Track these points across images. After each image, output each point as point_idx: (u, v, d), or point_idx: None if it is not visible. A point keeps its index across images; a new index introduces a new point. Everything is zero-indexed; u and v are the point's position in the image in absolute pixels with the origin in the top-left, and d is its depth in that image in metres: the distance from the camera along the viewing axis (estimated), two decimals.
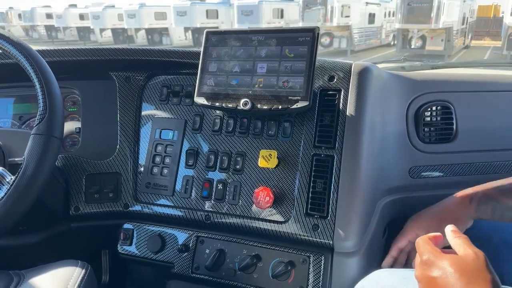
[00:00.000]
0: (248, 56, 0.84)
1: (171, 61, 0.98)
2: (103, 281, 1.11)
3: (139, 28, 17.11)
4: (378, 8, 15.35)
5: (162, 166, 0.95)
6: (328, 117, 0.84)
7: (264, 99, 0.82)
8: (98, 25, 18.03)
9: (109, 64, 1.01)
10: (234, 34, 0.87)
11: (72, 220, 0.96)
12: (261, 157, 0.85)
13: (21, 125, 1.10)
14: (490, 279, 0.48)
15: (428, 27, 11.69)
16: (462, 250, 0.53)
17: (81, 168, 0.96)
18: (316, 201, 0.80)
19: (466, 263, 0.50)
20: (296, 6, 14.43)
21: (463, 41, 14.17)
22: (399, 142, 0.93)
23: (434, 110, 0.96)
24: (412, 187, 0.96)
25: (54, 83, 0.73)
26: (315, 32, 0.80)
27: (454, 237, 0.56)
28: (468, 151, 0.96)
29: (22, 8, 21.74)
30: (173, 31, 16.74)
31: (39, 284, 0.72)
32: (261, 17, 13.94)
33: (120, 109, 1.00)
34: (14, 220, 0.70)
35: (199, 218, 0.89)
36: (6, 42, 0.73)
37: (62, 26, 20.07)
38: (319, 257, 0.80)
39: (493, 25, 18.83)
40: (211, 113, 0.93)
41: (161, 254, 0.91)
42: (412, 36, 12.18)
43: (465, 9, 13.27)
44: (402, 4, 11.68)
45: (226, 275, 0.85)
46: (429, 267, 0.53)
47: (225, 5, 16.41)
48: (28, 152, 0.70)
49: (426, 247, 0.56)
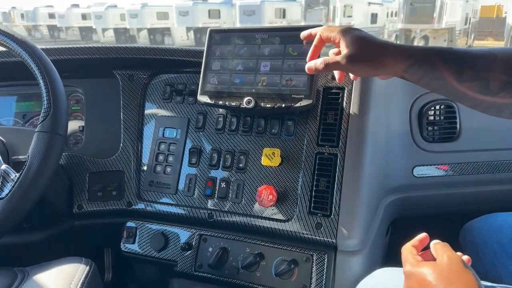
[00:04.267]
0: (252, 54, 0.84)
1: (174, 60, 0.98)
2: (106, 279, 1.11)
3: (141, 28, 17.14)
4: (381, 8, 15.33)
5: (165, 164, 0.95)
6: (331, 115, 0.83)
7: (267, 97, 0.82)
8: (100, 25, 18.08)
9: (112, 63, 1.01)
10: (237, 33, 0.87)
11: (76, 218, 0.96)
12: (264, 156, 0.85)
13: (25, 123, 1.10)
14: (465, 280, 0.49)
15: (431, 27, 11.68)
16: (439, 256, 0.54)
17: (84, 167, 0.96)
18: (319, 200, 0.80)
19: (441, 268, 0.51)
20: (298, 6, 14.44)
21: (466, 41, 14.14)
22: (402, 141, 0.93)
23: (438, 109, 0.95)
24: (416, 186, 0.96)
25: (58, 80, 0.74)
26: None
27: (433, 243, 0.57)
28: (472, 150, 0.96)
29: (25, 8, 21.80)
30: (175, 31, 16.77)
31: (44, 281, 0.72)
32: (263, 17, 13.95)
33: (124, 107, 1.00)
34: (18, 217, 0.70)
35: (202, 216, 0.89)
36: (11, 40, 0.73)
37: (65, 26, 20.14)
38: (322, 255, 0.80)
39: (496, 25, 18.77)
40: (214, 111, 0.93)
41: (164, 252, 0.92)
42: (415, 36, 12.17)
43: (468, 9, 13.26)
44: (405, 4, 11.67)
45: (229, 273, 0.85)
46: (409, 278, 0.54)
47: (227, 5, 16.41)
48: (32, 149, 0.70)
49: (407, 257, 0.57)
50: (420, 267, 0.53)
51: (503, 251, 0.80)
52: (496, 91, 0.56)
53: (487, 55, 0.57)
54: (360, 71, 0.65)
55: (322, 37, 0.67)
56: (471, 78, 0.57)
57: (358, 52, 0.60)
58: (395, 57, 0.59)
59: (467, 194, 1.00)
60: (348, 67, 0.62)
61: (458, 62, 0.57)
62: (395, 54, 0.59)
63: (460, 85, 0.57)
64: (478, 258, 0.81)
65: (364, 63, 0.61)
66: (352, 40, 0.61)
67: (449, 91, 0.59)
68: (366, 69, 0.63)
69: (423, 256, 0.56)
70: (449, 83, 0.57)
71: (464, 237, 0.90)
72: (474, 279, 0.49)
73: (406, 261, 0.56)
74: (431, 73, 0.58)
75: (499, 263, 0.79)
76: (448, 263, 0.51)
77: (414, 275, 0.53)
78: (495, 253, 0.80)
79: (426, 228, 0.63)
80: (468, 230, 0.90)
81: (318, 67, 0.65)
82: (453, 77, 0.57)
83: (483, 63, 0.57)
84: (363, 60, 0.61)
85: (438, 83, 0.59)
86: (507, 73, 0.55)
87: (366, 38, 0.62)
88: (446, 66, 0.57)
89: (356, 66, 0.62)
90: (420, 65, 0.58)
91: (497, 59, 0.56)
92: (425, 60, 0.58)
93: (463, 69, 0.57)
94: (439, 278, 0.50)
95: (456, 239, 0.90)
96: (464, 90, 0.57)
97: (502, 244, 0.81)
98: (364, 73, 0.70)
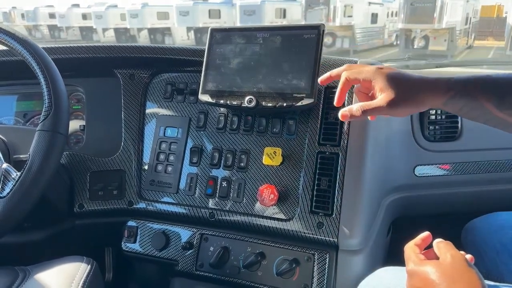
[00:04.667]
0: (253, 53, 0.84)
1: (175, 59, 0.98)
2: (106, 278, 1.11)
3: (141, 28, 17.13)
4: (381, 8, 15.32)
5: (166, 163, 0.95)
6: (333, 114, 0.83)
7: (268, 96, 0.82)
8: (100, 25, 18.07)
9: (113, 62, 1.01)
10: (238, 32, 0.87)
11: (77, 217, 0.96)
12: (266, 155, 0.85)
13: (26, 122, 1.10)
14: (469, 278, 0.49)
15: (431, 27, 11.67)
16: (442, 254, 0.54)
17: (85, 166, 0.96)
18: (321, 199, 0.80)
19: (444, 267, 0.51)
20: (299, 6, 14.43)
21: (466, 41, 14.13)
22: (404, 140, 0.93)
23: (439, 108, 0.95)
24: (417, 186, 0.95)
25: (59, 79, 0.74)
26: (320, 29, 0.80)
27: (436, 242, 0.57)
28: (473, 149, 0.96)
29: (25, 8, 21.79)
30: (176, 31, 16.76)
31: (45, 280, 0.72)
32: (264, 17, 13.94)
33: (125, 106, 1.00)
34: (19, 216, 0.70)
35: (203, 215, 0.89)
36: (12, 39, 0.73)
37: (65, 26, 20.11)
38: (324, 255, 0.80)
39: (496, 25, 18.75)
40: (215, 110, 0.93)
41: (165, 251, 0.91)
42: (415, 36, 12.15)
43: (468, 9, 13.24)
44: (405, 4, 11.66)
45: (230, 272, 0.85)
46: (412, 277, 0.54)
47: (227, 5, 16.40)
48: (33, 148, 0.70)
49: (410, 256, 0.56)
50: (423, 265, 0.53)
51: (505, 250, 0.80)
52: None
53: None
54: (400, 112, 0.62)
55: (349, 80, 0.65)
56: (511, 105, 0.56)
57: (396, 94, 0.59)
58: (434, 93, 0.58)
59: (468, 194, 1.00)
60: (388, 111, 0.61)
61: (499, 91, 0.57)
62: (433, 90, 0.59)
63: (500, 113, 0.57)
64: (480, 258, 0.81)
65: (403, 104, 0.60)
66: (387, 83, 0.60)
67: (489, 119, 0.59)
68: (406, 109, 0.61)
69: (426, 255, 0.56)
70: (489, 112, 0.57)
71: (466, 237, 0.90)
72: (478, 277, 0.49)
73: (409, 259, 0.56)
74: (471, 103, 0.58)
75: (501, 262, 0.79)
76: (451, 261, 0.51)
77: (417, 273, 0.53)
78: (497, 252, 0.80)
79: (428, 228, 0.62)
80: (470, 229, 0.90)
81: (354, 113, 0.63)
82: (493, 106, 0.57)
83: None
84: (404, 102, 0.59)
85: (478, 113, 0.58)
86: None
87: (400, 77, 0.60)
88: (486, 96, 0.57)
89: (398, 109, 0.60)
90: (460, 97, 0.58)
91: None
92: (465, 92, 0.57)
93: (504, 97, 0.56)
94: (442, 276, 0.50)
95: (458, 239, 0.90)
96: (505, 117, 0.57)
97: (503, 243, 0.81)
98: (404, 114, 0.65)
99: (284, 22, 14.56)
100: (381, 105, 0.60)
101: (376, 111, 0.62)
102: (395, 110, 0.61)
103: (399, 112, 0.62)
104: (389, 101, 0.59)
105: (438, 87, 0.58)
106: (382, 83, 0.60)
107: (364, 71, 0.63)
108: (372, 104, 0.61)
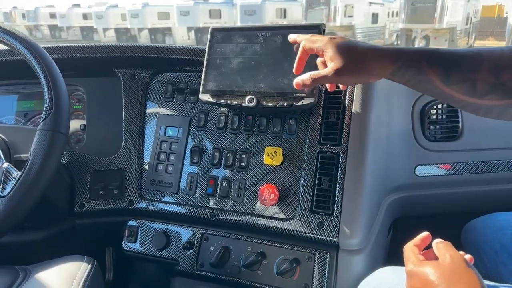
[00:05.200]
0: (253, 53, 0.84)
1: (176, 58, 0.98)
2: (107, 278, 1.11)
3: (142, 27, 17.15)
4: (382, 8, 15.32)
5: (167, 163, 0.95)
6: (333, 114, 0.83)
7: (269, 96, 0.82)
8: (101, 25, 18.10)
9: (114, 61, 1.01)
10: (239, 31, 0.87)
11: (77, 217, 0.96)
12: (266, 155, 0.85)
13: (26, 122, 1.10)
14: (468, 279, 0.49)
15: (432, 27, 11.68)
16: (441, 255, 0.53)
17: (86, 165, 0.96)
18: (321, 199, 0.80)
19: (443, 268, 0.51)
20: (299, 6, 14.44)
21: (467, 41, 14.13)
22: (404, 140, 0.93)
23: (440, 108, 0.95)
24: (418, 186, 0.95)
25: (60, 79, 0.74)
26: (321, 29, 0.80)
27: (436, 242, 0.57)
28: (474, 149, 0.96)
29: (26, 8, 21.83)
30: (176, 31, 16.78)
31: (46, 279, 0.72)
32: (264, 17, 13.96)
33: (125, 106, 1.00)
34: (20, 216, 0.70)
35: (204, 215, 0.89)
36: (13, 38, 0.73)
37: (66, 26, 20.14)
38: (324, 254, 0.80)
39: (497, 25, 18.74)
40: (216, 110, 0.93)
41: (165, 251, 0.91)
42: (416, 36, 12.16)
43: (469, 9, 13.24)
44: (406, 4, 11.66)
45: (231, 272, 0.85)
46: (411, 278, 0.54)
47: (228, 5, 16.41)
48: (34, 147, 0.70)
49: (409, 256, 0.56)
50: (422, 266, 0.53)
51: (504, 250, 0.79)
52: (483, 93, 0.55)
53: (474, 56, 0.56)
54: (348, 81, 0.64)
55: (305, 48, 0.66)
56: (458, 80, 0.55)
57: (343, 63, 0.59)
58: (380, 62, 0.58)
59: (469, 194, 1.00)
60: (335, 79, 0.61)
61: (445, 64, 0.56)
62: (380, 59, 0.58)
63: (446, 87, 0.56)
64: (479, 258, 0.81)
65: (351, 73, 0.60)
66: (336, 52, 0.60)
67: (437, 93, 0.58)
68: (354, 78, 0.62)
69: (425, 255, 0.56)
70: (436, 85, 0.56)
71: (466, 237, 0.90)
72: (477, 278, 0.49)
73: (408, 260, 0.56)
74: (418, 76, 0.57)
75: (501, 262, 0.79)
76: (450, 262, 0.51)
77: (417, 274, 0.53)
78: (497, 252, 0.80)
79: (428, 228, 0.62)
80: (470, 230, 0.90)
81: (305, 82, 0.65)
82: (439, 79, 0.56)
83: (470, 65, 0.55)
84: (349, 70, 0.60)
85: (425, 86, 0.58)
86: (494, 75, 0.54)
87: (349, 46, 0.61)
88: (433, 69, 0.56)
89: (344, 77, 0.61)
90: (407, 68, 0.57)
91: (484, 60, 0.55)
92: (412, 63, 0.57)
93: (450, 71, 0.56)
94: (441, 277, 0.50)
95: (458, 239, 0.90)
96: (451, 92, 0.56)
97: (503, 243, 0.80)
98: (352, 83, 0.68)
99: (285, 22, 14.56)
100: (328, 74, 0.60)
101: (324, 80, 0.62)
102: (342, 79, 0.61)
103: (346, 80, 0.63)
104: (336, 69, 0.59)
105: (386, 57, 0.58)
106: (332, 52, 0.60)
107: (318, 40, 0.63)
108: (320, 73, 0.62)
